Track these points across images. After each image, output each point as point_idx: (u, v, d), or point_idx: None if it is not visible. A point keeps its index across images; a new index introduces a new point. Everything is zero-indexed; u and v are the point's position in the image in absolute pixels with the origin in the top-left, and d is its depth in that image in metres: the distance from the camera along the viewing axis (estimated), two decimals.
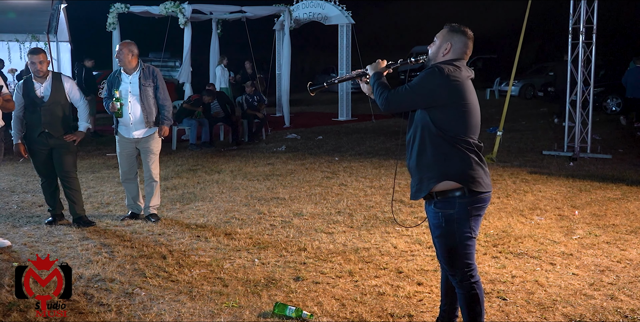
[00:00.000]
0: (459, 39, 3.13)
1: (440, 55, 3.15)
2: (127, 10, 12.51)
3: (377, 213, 6.26)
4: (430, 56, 3.21)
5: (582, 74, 9.49)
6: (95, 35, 18.81)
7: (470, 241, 3.11)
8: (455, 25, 3.17)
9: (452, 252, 3.12)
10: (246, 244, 5.26)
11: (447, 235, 3.11)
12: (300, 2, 15.11)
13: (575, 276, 4.47)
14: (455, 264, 3.14)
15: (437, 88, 3.01)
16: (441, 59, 3.14)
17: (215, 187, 7.59)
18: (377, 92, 3.18)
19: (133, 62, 5.82)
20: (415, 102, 3.08)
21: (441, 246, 3.17)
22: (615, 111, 16.09)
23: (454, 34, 3.14)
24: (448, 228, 3.09)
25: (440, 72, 3.01)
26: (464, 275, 3.14)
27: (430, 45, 3.23)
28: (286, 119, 14.09)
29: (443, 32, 3.18)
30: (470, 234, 3.10)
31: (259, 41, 16.43)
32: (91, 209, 6.49)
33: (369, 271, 4.59)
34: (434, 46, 3.20)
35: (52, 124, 5.61)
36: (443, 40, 3.16)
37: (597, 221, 5.94)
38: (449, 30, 3.16)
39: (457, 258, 3.12)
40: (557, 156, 9.54)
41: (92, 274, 4.50)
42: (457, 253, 3.11)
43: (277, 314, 3.77)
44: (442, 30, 3.20)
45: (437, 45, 3.18)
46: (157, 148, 6.01)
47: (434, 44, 3.20)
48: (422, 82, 3.04)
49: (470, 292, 3.16)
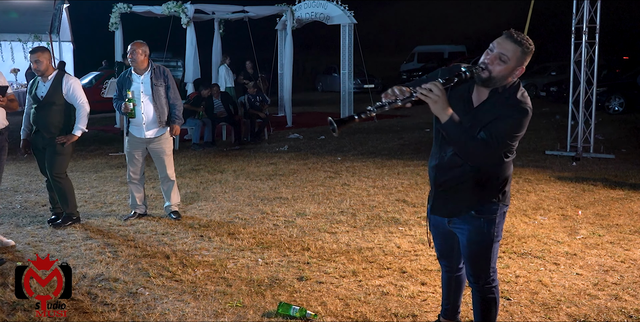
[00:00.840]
0: (528, 61, 2.76)
1: (509, 77, 2.77)
2: (130, 10, 12.51)
3: (380, 213, 6.25)
4: (495, 75, 2.72)
5: (585, 74, 9.47)
6: (97, 35, 18.84)
7: (498, 244, 3.11)
8: (528, 46, 2.71)
9: (485, 257, 3.06)
10: (249, 243, 5.27)
11: (486, 241, 3.03)
12: (303, 2, 15.11)
13: (579, 276, 4.46)
14: (483, 269, 3.08)
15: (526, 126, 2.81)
16: (510, 81, 2.79)
17: (218, 187, 7.59)
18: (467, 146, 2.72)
19: (145, 63, 5.84)
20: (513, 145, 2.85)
21: (476, 252, 3.06)
22: (618, 111, 16.07)
23: (527, 55, 2.73)
24: (489, 231, 3.01)
25: (529, 112, 2.78)
26: (488, 279, 3.10)
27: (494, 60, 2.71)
28: (288, 119, 14.09)
29: (516, 52, 2.69)
30: (500, 236, 3.10)
31: (261, 41, 16.44)
32: (94, 208, 6.50)
33: (373, 270, 4.59)
34: (504, 67, 2.71)
35: (44, 124, 5.60)
36: (517, 63, 2.71)
37: (601, 220, 5.93)
38: (524, 50, 2.70)
39: (487, 263, 3.07)
40: (560, 156, 9.53)
41: (96, 274, 4.50)
42: (488, 257, 3.06)
43: (281, 314, 3.77)
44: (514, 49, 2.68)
45: (509, 67, 2.71)
46: (170, 148, 6.05)
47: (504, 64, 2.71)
48: (520, 128, 2.76)
49: (489, 295, 3.13)
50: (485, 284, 3.12)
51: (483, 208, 2.99)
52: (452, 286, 3.42)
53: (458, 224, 3.08)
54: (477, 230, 3.02)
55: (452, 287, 3.42)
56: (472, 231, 3.03)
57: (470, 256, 3.10)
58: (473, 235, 3.04)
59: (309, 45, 30.67)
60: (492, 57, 2.72)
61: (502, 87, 2.80)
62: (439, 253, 3.38)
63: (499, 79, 2.75)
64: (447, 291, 3.47)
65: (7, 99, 5.07)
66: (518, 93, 2.79)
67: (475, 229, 3.02)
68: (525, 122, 2.78)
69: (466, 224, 3.04)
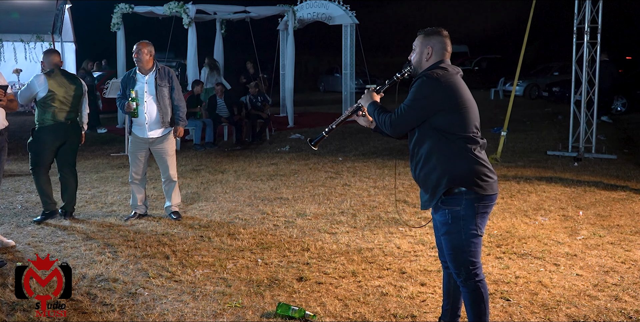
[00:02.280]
0: (436, 41, 3.17)
1: (424, 61, 3.19)
2: (131, 11, 12.53)
3: (380, 213, 6.25)
4: (414, 65, 3.24)
5: (586, 74, 9.45)
6: (99, 35, 18.88)
7: (476, 239, 3.11)
8: (427, 29, 3.21)
9: (458, 250, 3.11)
10: (249, 244, 5.26)
11: (453, 232, 3.10)
12: (304, 2, 15.11)
13: (579, 277, 4.45)
14: (460, 263, 3.12)
15: (433, 95, 3.04)
16: (426, 65, 3.18)
17: (218, 187, 7.59)
18: (380, 121, 3.20)
19: (150, 63, 5.86)
20: (418, 116, 3.08)
21: (447, 244, 3.15)
22: (621, 111, 16.03)
23: (430, 37, 3.18)
24: (455, 225, 3.08)
25: (430, 79, 3.05)
26: (469, 273, 3.13)
27: (411, 54, 3.25)
28: (290, 119, 14.08)
29: (419, 39, 3.22)
30: (477, 231, 3.10)
31: (263, 41, 16.45)
32: (95, 209, 6.51)
33: (372, 271, 4.58)
34: (415, 54, 3.23)
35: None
36: (422, 46, 3.19)
37: (602, 221, 5.92)
38: (424, 34, 3.20)
39: (463, 256, 3.11)
40: (562, 156, 9.52)
41: (96, 274, 4.51)
42: (463, 251, 3.10)
43: (280, 315, 3.76)
44: (417, 38, 3.23)
45: (417, 52, 3.21)
46: (172, 149, 6.06)
47: (414, 52, 3.23)
48: (417, 95, 3.07)
49: (474, 291, 3.15)
50: (467, 278, 3.14)
51: (447, 199, 3.08)
52: (451, 285, 3.42)
53: (434, 217, 3.23)
54: (443, 221, 3.12)
55: (451, 286, 3.42)
56: (440, 222, 3.17)
57: (445, 249, 3.18)
58: (440, 227, 3.17)
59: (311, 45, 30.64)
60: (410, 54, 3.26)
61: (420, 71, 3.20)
62: (439, 251, 3.42)
63: (417, 64, 3.23)
64: (446, 289, 3.48)
65: (7, 99, 5.08)
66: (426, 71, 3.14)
67: (442, 220, 3.14)
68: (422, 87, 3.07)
69: (436, 215, 3.18)
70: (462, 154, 3.06)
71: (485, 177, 3.07)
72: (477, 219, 3.09)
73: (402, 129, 3.15)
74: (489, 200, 3.11)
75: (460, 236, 3.09)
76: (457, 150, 3.05)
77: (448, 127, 3.05)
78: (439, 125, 3.05)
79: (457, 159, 3.06)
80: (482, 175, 3.06)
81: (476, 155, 3.08)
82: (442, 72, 3.08)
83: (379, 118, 3.20)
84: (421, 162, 3.14)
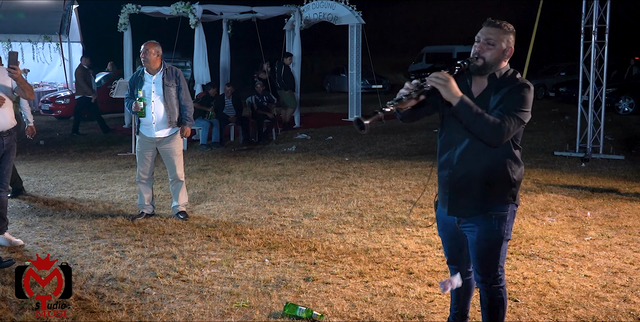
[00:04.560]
0: (514, 39, 2.94)
1: (502, 60, 2.93)
2: (138, 11, 12.57)
3: (387, 214, 6.24)
4: (489, 61, 2.91)
5: (594, 74, 9.41)
6: (106, 35, 18.93)
7: (507, 243, 3.09)
8: (505, 25, 2.91)
9: (494, 254, 3.04)
10: (256, 244, 5.27)
11: (496, 238, 3.01)
12: (311, 3, 15.11)
13: (587, 278, 4.43)
14: (492, 268, 3.06)
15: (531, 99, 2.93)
16: (503, 65, 2.95)
17: (225, 187, 7.60)
18: (485, 125, 2.78)
19: (157, 63, 5.88)
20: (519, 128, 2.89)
21: (485, 249, 3.04)
22: (628, 112, 15.96)
23: (509, 34, 2.91)
24: (499, 230, 3.00)
25: (530, 89, 2.90)
26: (496, 278, 3.08)
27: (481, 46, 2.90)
28: (296, 119, 14.09)
29: (498, 33, 2.89)
30: (510, 235, 3.08)
31: (269, 41, 16.45)
32: (102, 208, 6.53)
33: (380, 271, 4.58)
34: (493, 50, 2.89)
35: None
36: (502, 43, 2.90)
37: (610, 222, 5.89)
38: (505, 31, 2.90)
39: (496, 261, 3.05)
40: (569, 157, 9.48)
41: (103, 273, 4.52)
42: (499, 255, 3.04)
43: (288, 315, 3.77)
44: (493, 30, 2.89)
45: (497, 49, 2.89)
46: (180, 148, 6.08)
47: (493, 47, 2.89)
48: (527, 105, 2.86)
49: (497, 296, 3.11)
50: (493, 283, 3.10)
51: (495, 206, 2.99)
52: (462, 291, 3.38)
53: (469, 222, 3.06)
54: (489, 227, 3.00)
55: (462, 292, 3.39)
56: (482, 228, 3.02)
57: (480, 254, 3.07)
58: (483, 232, 3.02)
59: (317, 45, 30.64)
60: (481, 45, 2.91)
61: (499, 73, 2.95)
62: (448, 257, 3.34)
63: (493, 63, 2.91)
64: (456, 295, 3.44)
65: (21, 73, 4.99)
66: (516, 76, 2.95)
67: (486, 226, 3.01)
68: (529, 96, 2.89)
69: (477, 221, 3.02)
70: (519, 162, 3.03)
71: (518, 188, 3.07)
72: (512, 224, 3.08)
73: (507, 136, 2.84)
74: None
75: (501, 241, 3.02)
76: (517, 159, 3.01)
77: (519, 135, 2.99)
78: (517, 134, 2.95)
79: (518, 168, 3.01)
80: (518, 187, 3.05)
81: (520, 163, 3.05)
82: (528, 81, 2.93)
83: (485, 122, 2.77)
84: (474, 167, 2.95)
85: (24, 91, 5.02)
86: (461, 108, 2.77)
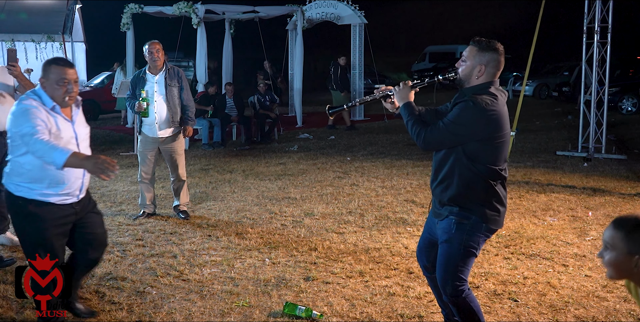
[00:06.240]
0: (491, 58, 2.98)
1: (473, 77, 3.02)
2: (141, 11, 12.58)
3: (388, 213, 6.24)
4: (462, 77, 3.04)
5: (597, 74, 9.39)
6: (109, 35, 18.97)
7: (471, 258, 3.06)
8: (484, 43, 2.99)
9: (452, 261, 3.03)
10: (257, 243, 5.28)
11: (453, 242, 3.03)
12: (313, 2, 15.11)
13: (588, 278, 4.43)
14: (449, 275, 3.05)
15: (475, 124, 2.92)
16: (475, 82, 3.01)
17: (227, 186, 7.61)
18: (412, 130, 3.04)
19: (161, 63, 5.90)
20: (454, 141, 2.97)
21: (442, 253, 3.08)
22: (631, 111, 15.91)
23: (485, 53, 2.98)
24: (457, 235, 3.02)
25: (476, 106, 2.91)
26: (456, 289, 3.05)
27: (459, 63, 3.06)
28: (298, 119, 14.09)
29: (473, 51, 3.00)
30: (475, 250, 3.05)
31: (272, 41, 16.45)
32: (104, 208, 6.54)
33: (380, 271, 4.58)
34: (465, 66, 3.02)
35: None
36: (475, 62, 2.99)
37: None
38: (479, 49, 2.98)
39: (454, 270, 3.03)
40: (571, 157, 9.46)
41: (104, 273, 4.53)
42: (456, 264, 3.03)
43: (287, 314, 3.77)
44: (471, 49, 3.01)
45: (468, 66, 3.01)
46: (182, 148, 6.10)
47: (464, 63, 3.02)
48: (460, 120, 2.92)
49: (463, 306, 3.08)
50: (452, 294, 3.05)
51: (460, 212, 3.03)
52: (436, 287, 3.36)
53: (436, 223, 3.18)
54: (447, 229, 3.06)
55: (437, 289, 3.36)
56: (442, 230, 3.10)
57: (439, 258, 3.10)
58: (441, 234, 3.10)
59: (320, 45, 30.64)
60: (458, 61, 3.09)
61: (467, 89, 3.05)
62: (418, 249, 3.40)
63: (465, 78, 3.06)
64: (436, 293, 3.44)
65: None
66: (477, 92, 3.00)
67: (445, 227, 3.07)
68: (467, 113, 2.93)
69: (441, 222, 3.12)
70: (483, 186, 3.01)
71: (495, 213, 3.04)
72: (479, 239, 3.05)
73: (434, 147, 3.06)
74: (492, 231, 3.12)
75: (459, 247, 3.02)
76: (478, 180, 3.00)
77: (478, 156, 2.98)
78: (471, 153, 2.97)
79: (477, 189, 3.01)
80: (493, 210, 3.04)
81: (495, 191, 3.03)
82: (490, 101, 2.93)
83: (412, 127, 3.04)
84: (440, 177, 3.08)
85: (25, 89, 5.02)
86: (402, 111, 3.15)
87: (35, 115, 3.16)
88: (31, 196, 3.29)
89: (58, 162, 3.01)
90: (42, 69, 3.30)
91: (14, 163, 3.32)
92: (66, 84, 3.26)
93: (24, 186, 3.29)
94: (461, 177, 3.01)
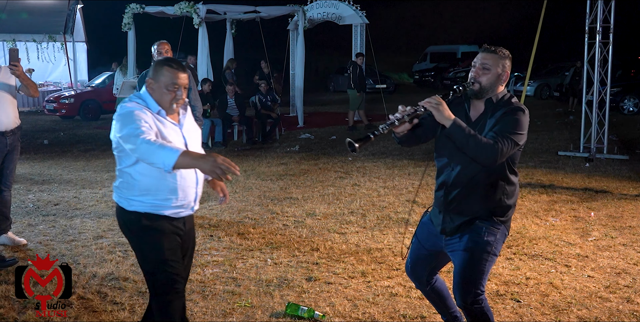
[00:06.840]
0: (510, 64, 3.01)
1: (499, 84, 3.00)
2: (142, 11, 12.60)
3: (390, 214, 6.23)
4: (485, 85, 2.96)
5: (598, 74, 9.38)
6: (110, 35, 18.99)
7: (493, 263, 3.04)
8: (500, 49, 3.00)
9: (477, 270, 2.98)
10: (259, 243, 5.27)
11: (481, 247, 2.97)
12: (314, 2, 15.11)
13: (590, 278, 4.42)
14: (472, 284, 2.98)
15: (527, 131, 2.95)
16: (499, 89, 3.01)
17: (228, 186, 7.60)
18: (479, 146, 2.82)
19: None
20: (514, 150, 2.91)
21: (467, 261, 2.99)
22: (633, 111, 15.90)
23: (505, 59, 2.98)
24: (487, 240, 2.97)
25: (525, 112, 2.95)
26: (476, 297, 3.00)
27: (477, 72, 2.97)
28: (300, 119, 14.10)
29: (494, 60, 2.97)
30: (497, 255, 3.04)
31: (273, 41, 16.46)
32: (106, 208, 6.54)
33: (382, 271, 4.57)
34: (490, 75, 2.95)
35: None
36: (497, 68, 2.96)
37: (614, 222, 5.87)
38: (499, 56, 2.98)
39: (479, 278, 2.99)
40: (573, 157, 9.45)
41: (106, 273, 4.53)
42: (483, 272, 2.99)
43: (289, 314, 3.77)
44: (491, 57, 2.97)
45: (494, 74, 2.96)
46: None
47: (489, 72, 2.95)
48: (521, 129, 2.89)
49: (481, 316, 3.04)
50: (473, 303, 3.00)
51: (486, 221, 3.01)
52: (434, 298, 3.36)
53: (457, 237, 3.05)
54: (476, 236, 2.97)
55: (435, 299, 3.36)
56: (470, 238, 2.99)
57: (463, 264, 3.00)
58: (469, 240, 2.99)
59: (321, 45, 30.65)
60: (477, 69, 2.98)
61: (496, 97, 3.00)
62: (409, 261, 3.31)
63: (489, 87, 2.97)
64: (434, 303, 3.43)
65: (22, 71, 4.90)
66: (512, 100, 3.01)
67: (474, 235, 2.98)
68: (524, 120, 2.93)
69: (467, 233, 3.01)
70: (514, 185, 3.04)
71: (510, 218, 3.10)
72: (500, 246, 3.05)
73: (501, 160, 2.89)
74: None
75: (485, 253, 2.97)
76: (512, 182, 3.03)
77: (515, 162, 3.01)
78: (512, 160, 2.98)
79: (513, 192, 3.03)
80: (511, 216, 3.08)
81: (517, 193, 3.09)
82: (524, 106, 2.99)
83: (478, 143, 2.81)
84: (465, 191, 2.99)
85: (27, 88, 5.02)
86: (454, 130, 2.84)
87: (139, 116, 2.83)
88: (144, 209, 2.94)
89: (168, 162, 2.65)
90: (153, 69, 2.97)
91: (123, 175, 2.96)
92: (176, 89, 2.94)
93: (136, 199, 2.93)
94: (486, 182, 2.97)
